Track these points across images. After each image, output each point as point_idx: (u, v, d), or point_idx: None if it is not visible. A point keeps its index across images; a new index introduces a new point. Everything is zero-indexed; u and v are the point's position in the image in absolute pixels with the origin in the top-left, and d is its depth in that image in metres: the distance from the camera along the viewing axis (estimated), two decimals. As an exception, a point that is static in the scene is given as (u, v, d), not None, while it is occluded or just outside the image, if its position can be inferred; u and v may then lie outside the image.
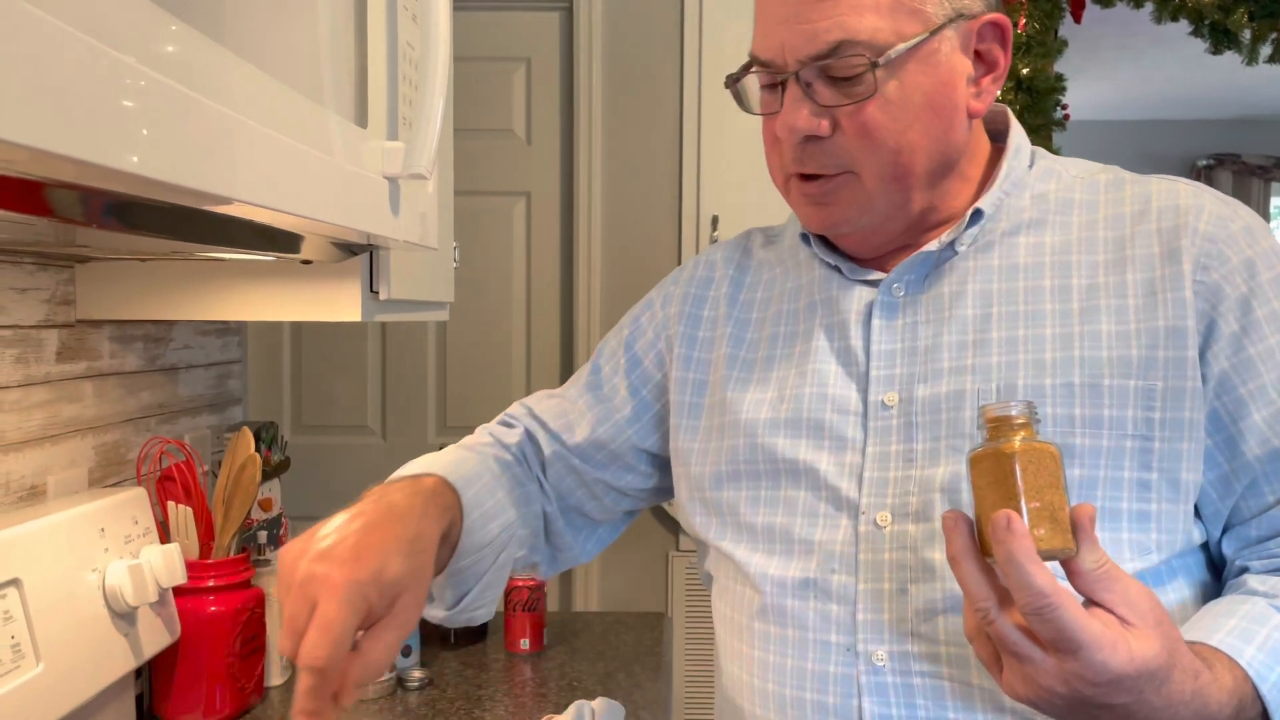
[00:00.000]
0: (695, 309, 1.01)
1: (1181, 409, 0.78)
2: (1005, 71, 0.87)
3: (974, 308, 0.84)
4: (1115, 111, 5.77)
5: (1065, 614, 0.62)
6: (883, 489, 0.83)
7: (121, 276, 1.24)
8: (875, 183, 0.83)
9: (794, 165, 0.85)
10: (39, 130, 0.44)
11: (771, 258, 1.00)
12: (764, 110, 0.87)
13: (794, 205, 0.90)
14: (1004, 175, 0.87)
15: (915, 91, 0.81)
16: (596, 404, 1.04)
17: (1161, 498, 0.78)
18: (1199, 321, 0.79)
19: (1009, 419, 0.68)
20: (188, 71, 0.57)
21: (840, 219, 0.86)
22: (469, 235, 2.45)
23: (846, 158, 0.83)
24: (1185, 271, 0.79)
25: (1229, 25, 2.35)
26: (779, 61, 0.83)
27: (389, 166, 0.93)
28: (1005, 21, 0.86)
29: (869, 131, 0.81)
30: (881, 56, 0.79)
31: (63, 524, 1.05)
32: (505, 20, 2.49)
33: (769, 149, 0.89)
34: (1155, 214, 0.83)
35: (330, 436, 2.52)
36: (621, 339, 1.06)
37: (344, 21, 0.86)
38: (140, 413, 1.39)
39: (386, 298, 1.22)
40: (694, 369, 0.98)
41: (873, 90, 0.80)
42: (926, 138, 0.82)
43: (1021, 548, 0.63)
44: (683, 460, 0.97)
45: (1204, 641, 0.71)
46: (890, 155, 0.82)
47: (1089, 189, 0.87)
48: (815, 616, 0.83)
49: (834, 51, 0.79)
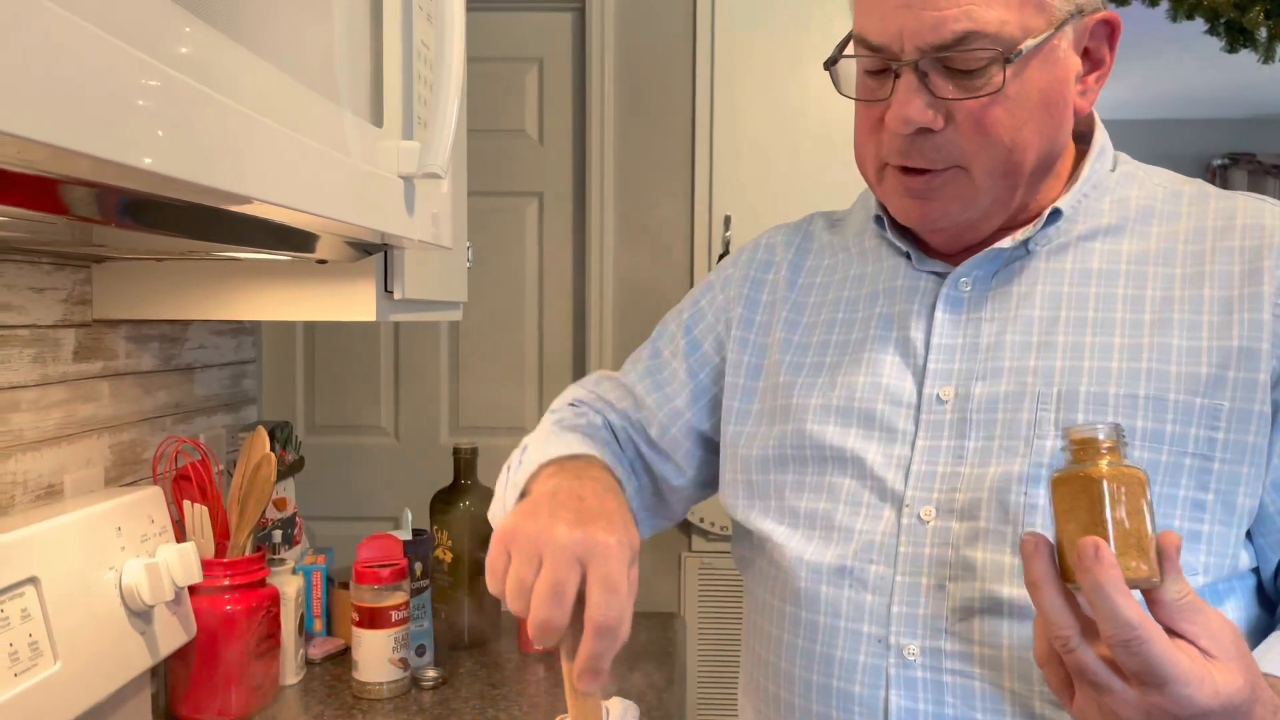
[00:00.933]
0: (754, 292, 1.00)
1: (1247, 432, 0.76)
2: (1109, 70, 0.85)
3: (1041, 309, 0.83)
4: (1130, 110, 5.74)
5: (1154, 648, 0.60)
6: (929, 483, 0.82)
7: (138, 276, 1.24)
8: (984, 179, 0.81)
9: (898, 157, 0.82)
10: (58, 127, 0.44)
11: (836, 242, 0.99)
12: (865, 96, 0.84)
13: (887, 196, 0.86)
14: (1085, 177, 0.86)
15: (1033, 89, 0.79)
16: (655, 389, 1.03)
17: (1215, 519, 0.76)
18: (1276, 345, 0.77)
19: (1095, 441, 0.66)
20: (204, 70, 0.57)
21: (941, 214, 0.83)
22: (482, 235, 2.45)
23: (957, 153, 0.80)
24: (1265, 294, 0.78)
25: (1245, 23, 2.33)
26: (894, 47, 0.79)
27: (404, 166, 0.93)
28: (1117, 19, 0.84)
29: (986, 127, 0.79)
30: (1011, 51, 0.76)
31: (79, 523, 1.06)
32: (518, 21, 2.50)
33: (864, 136, 0.85)
34: (1239, 231, 0.81)
35: (343, 436, 2.53)
36: (681, 322, 1.05)
37: (360, 21, 0.86)
38: (156, 412, 1.39)
39: (401, 297, 1.23)
40: (750, 352, 0.97)
41: (1000, 86, 0.77)
42: (1039, 136, 0.80)
43: (1110, 578, 0.61)
44: (731, 442, 0.96)
45: (1273, 673, 0.70)
46: (1004, 152, 0.80)
47: (1172, 199, 0.85)
48: (848, 605, 0.83)
49: (960, 42, 0.76)
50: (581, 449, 0.91)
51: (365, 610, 1.37)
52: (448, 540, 1.56)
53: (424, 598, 1.50)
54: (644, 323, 2.48)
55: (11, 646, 0.93)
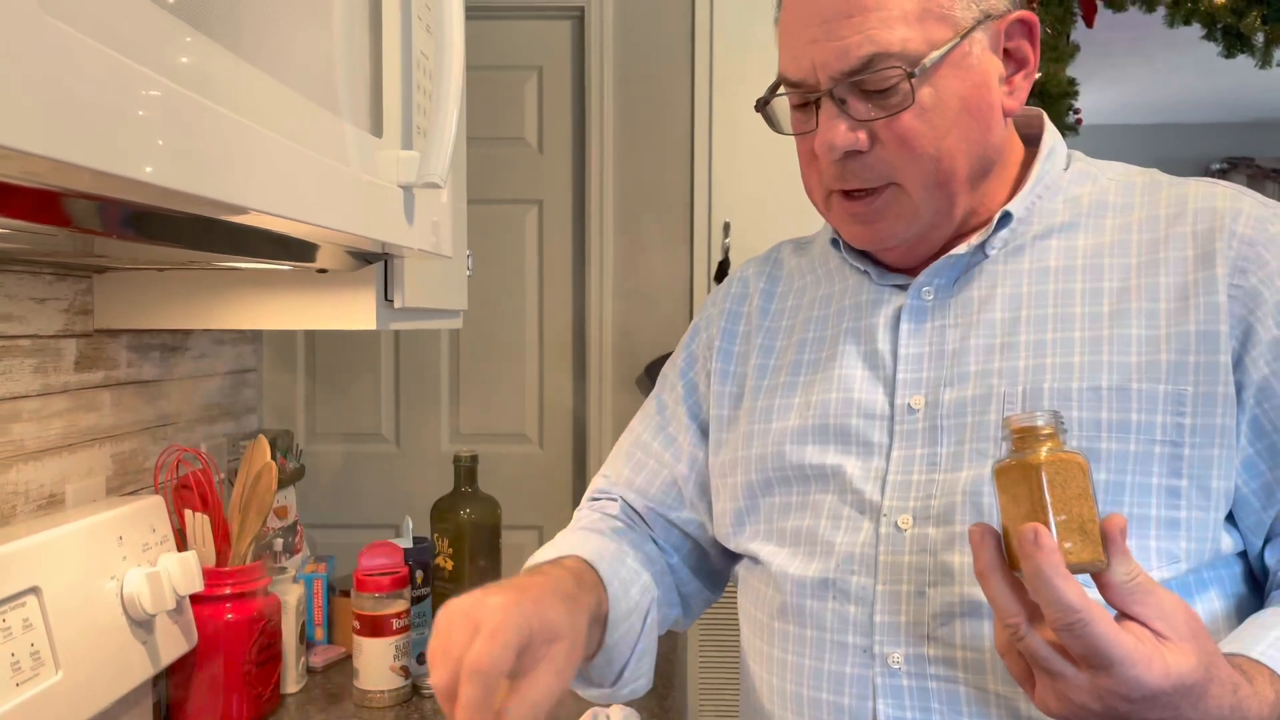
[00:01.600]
0: (730, 324, 1.02)
1: (1213, 415, 0.77)
2: (1035, 67, 0.86)
3: (1003, 311, 0.83)
4: (1128, 115, 5.75)
5: (1097, 629, 0.61)
6: (905, 492, 0.82)
7: (139, 286, 1.25)
8: (919, 192, 0.82)
9: (835, 182, 0.84)
10: (60, 141, 0.44)
11: (803, 264, 1.01)
12: (797, 130, 0.87)
13: (836, 223, 0.89)
14: (1036, 178, 0.87)
15: (951, 97, 0.80)
16: (669, 445, 1.04)
17: (1191, 505, 0.77)
18: (1234, 326, 0.77)
19: (1035, 429, 0.67)
20: (204, 81, 0.58)
21: (888, 233, 0.85)
22: (482, 243, 2.45)
23: (887, 169, 0.82)
24: (1219, 275, 0.78)
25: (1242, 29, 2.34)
26: (811, 80, 0.82)
27: (404, 175, 0.94)
28: (1032, 18, 0.85)
29: (908, 141, 0.80)
30: (916, 66, 0.78)
31: (81, 532, 1.06)
32: (517, 29, 2.50)
33: (805, 168, 0.88)
34: (1191, 216, 0.82)
35: (344, 444, 2.53)
36: (676, 368, 1.07)
37: (359, 31, 0.87)
38: (157, 421, 1.40)
39: (401, 306, 1.23)
40: (729, 382, 0.99)
41: (909, 101, 0.79)
42: (966, 141, 0.82)
43: (1050, 562, 0.62)
44: (719, 473, 0.97)
45: (1244, 654, 0.70)
46: (931, 163, 0.81)
47: (1124, 191, 0.86)
48: (833, 617, 0.83)
49: (867, 66, 0.79)
50: (566, 551, 0.90)
51: (366, 618, 1.37)
52: (448, 548, 1.57)
53: (425, 605, 1.50)
54: (644, 328, 2.49)
55: (13, 656, 0.93)
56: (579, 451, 2.54)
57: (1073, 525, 0.65)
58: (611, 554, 0.91)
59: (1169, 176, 0.87)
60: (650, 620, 0.92)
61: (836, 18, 0.79)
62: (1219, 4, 2.30)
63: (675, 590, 1.04)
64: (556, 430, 2.55)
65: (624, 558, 0.93)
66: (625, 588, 0.88)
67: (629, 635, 0.88)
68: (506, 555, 1.66)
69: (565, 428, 2.54)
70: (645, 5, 2.46)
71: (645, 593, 0.92)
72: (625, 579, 0.89)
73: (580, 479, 2.53)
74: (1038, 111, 0.93)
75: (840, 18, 0.79)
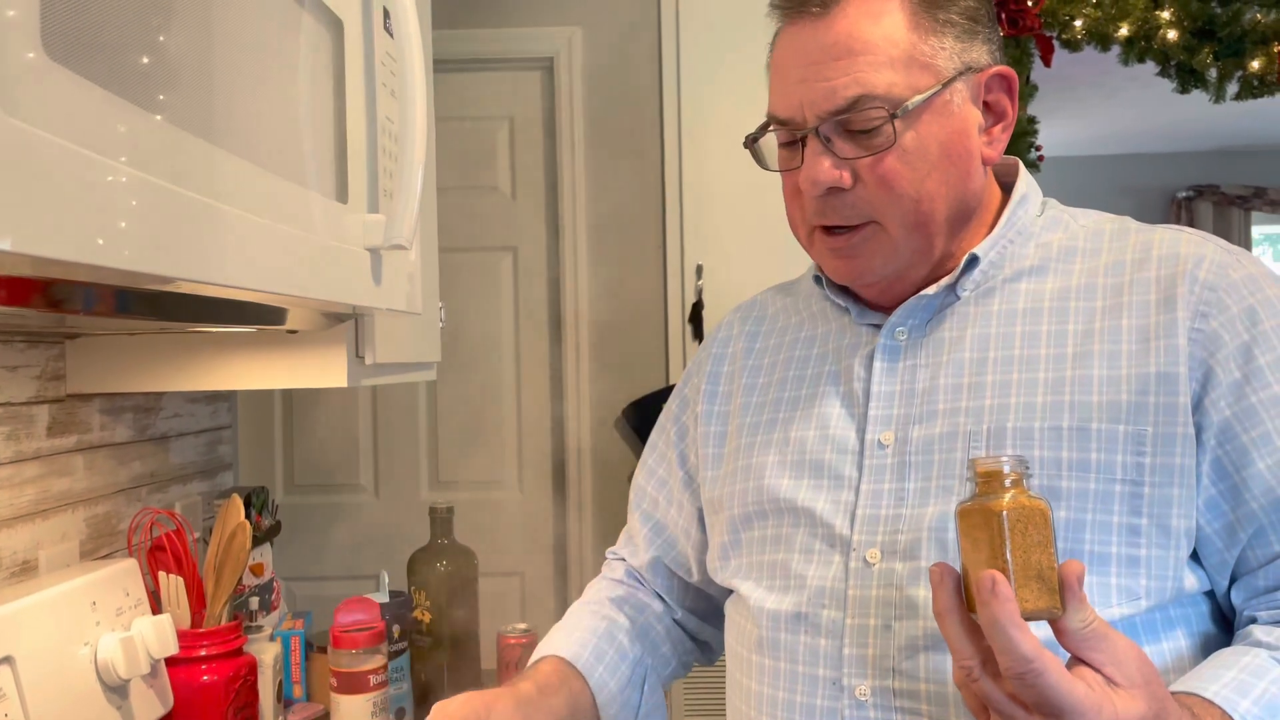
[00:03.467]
0: (715, 367, 1.05)
1: (1173, 455, 0.78)
2: (1014, 120, 0.90)
3: (971, 351, 0.86)
4: (1094, 147, 5.85)
5: (1048, 679, 0.62)
6: (874, 526, 0.84)
7: (111, 350, 1.25)
8: (899, 231, 0.85)
9: (817, 218, 0.87)
10: (32, 238, 0.46)
11: (788, 305, 1.04)
12: (784, 167, 0.90)
13: (818, 258, 0.92)
14: (1006, 222, 0.90)
15: (931, 141, 0.84)
16: (661, 489, 1.09)
17: (1151, 543, 0.78)
18: (1194, 369, 0.79)
19: (999, 473, 0.67)
20: (169, 165, 0.59)
21: (866, 269, 0.88)
22: (457, 290, 2.47)
23: (868, 208, 0.85)
24: (1180, 319, 0.80)
25: (1194, 65, 2.39)
26: (798, 118, 0.85)
27: (370, 238, 0.95)
28: (1011, 74, 0.89)
29: (889, 182, 0.84)
30: (899, 109, 0.82)
31: (54, 599, 1.06)
32: (488, 80, 2.54)
33: (790, 203, 0.91)
34: (1155, 262, 0.84)
35: (324, 495, 2.53)
36: (670, 415, 1.11)
37: (323, 100, 0.89)
38: (131, 483, 1.40)
39: (373, 362, 1.24)
40: (714, 422, 1.02)
41: (891, 141, 0.83)
42: (945, 185, 0.85)
43: (1005, 612, 0.63)
44: (711, 509, 1.00)
45: (1198, 694, 0.71)
46: (911, 204, 0.84)
47: (1094, 238, 0.89)
48: (805, 650, 0.85)
49: (852, 106, 0.82)
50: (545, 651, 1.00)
51: (343, 675, 1.37)
52: (426, 600, 1.57)
53: (403, 660, 1.50)
54: (619, 371, 2.50)
55: (-15, 728, 0.93)
56: (559, 496, 2.54)
57: (1030, 573, 0.65)
58: (598, 638, 1.00)
59: (1138, 224, 0.90)
60: (649, 686, 1.01)
61: (826, 60, 0.83)
62: (1171, 41, 2.36)
63: (689, 639, 1.09)
64: (536, 475, 2.55)
65: (614, 635, 1.01)
66: (612, 669, 0.99)
67: (627, 708, 0.99)
68: (485, 604, 1.66)
69: (544, 472, 2.55)
70: (613, 54, 2.50)
71: (637, 666, 1.01)
72: (612, 661, 0.99)
73: (561, 523, 2.53)
74: (1015, 160, 0.96)
75: (829, 60, 0.83)
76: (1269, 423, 0.78)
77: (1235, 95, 2.53)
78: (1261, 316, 0.80)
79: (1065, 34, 2.52)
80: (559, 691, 0.93)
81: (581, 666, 0.97)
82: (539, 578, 2.52)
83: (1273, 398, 0.78)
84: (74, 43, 0.51)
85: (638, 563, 1.10)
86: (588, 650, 0.99)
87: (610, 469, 2.50)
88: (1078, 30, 2.48)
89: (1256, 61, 2.40)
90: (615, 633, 1.02)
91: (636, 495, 1.13)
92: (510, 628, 1.54)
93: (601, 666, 0.98)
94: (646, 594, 1.09)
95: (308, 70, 0.84)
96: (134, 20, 0.57)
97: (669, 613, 1.09)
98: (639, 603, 1.07)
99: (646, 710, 1.00)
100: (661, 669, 1.06)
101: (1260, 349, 0.79)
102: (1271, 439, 0.78)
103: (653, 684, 1.03)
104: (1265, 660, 0.74)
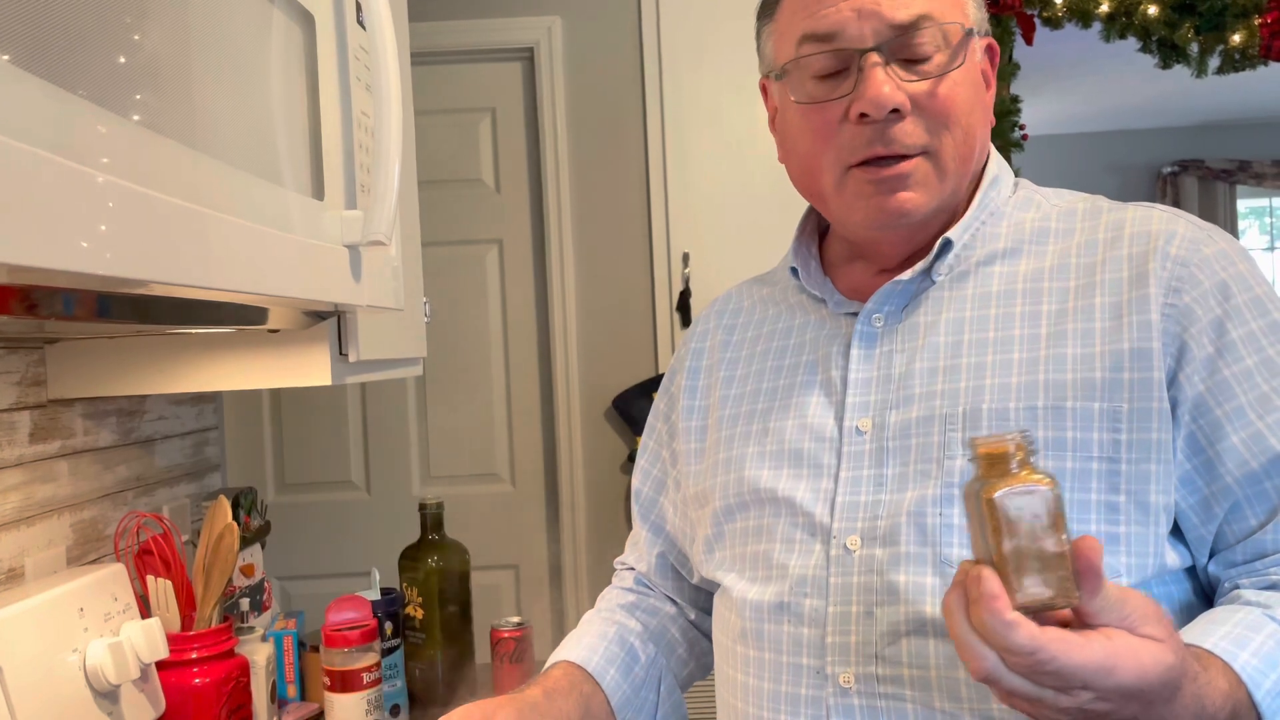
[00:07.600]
0: (695, 361, 1.05)
1: (1149, 430, 0.78)
2: (994, 91, 0.92)
3: (946, 335, 0.86)
4: (1079, 124, 5.85)
5: (1060, 661, 0.61)
6: (854, 513, 0.84)
7: (91, 354, 1.24)
8: (950, 163, 0.85)
9: (867, 148, 0.83)
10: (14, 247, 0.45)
11: (765, 296, 1.03)
12: (824, 96, 0.85)
13: (850, 202, 0.87)
14: (979, 205, 0.89)
15: (976, 75, 0.86)
16: (658, 491, 1.09)
17: (1130, 520, 0.78)
18: (1168, 344, 0.79)
19: (997, 454, 0.63)
20: (144, 167, 0.58)
21: (912, 204, 0.84)
22: (443, 285, 2.46)
23: (924, 136, 0.83)
24: (1152, 295, 0.80)
25: (1176, 40, 2.39)
26: (853, 33, 0.82)
27: (348, 235, 0.94)
28: (996, 46, 0.91)
29: (949, 105, 0.83)
30: (957, 37, 0.83)
31: (41, 606, 1.05)
32: (469, 72, 2.52)
33: (820, 144, 0.86)
34: (1128, 240, 0.84)
35: (315, 494, 2.52)
36: (659, 415, 1.11)
37: (297, 97, 0.88)
38: (117, 487, 1.39)
39: (356, 359, 1.23)
40: (695, 416, 1.02)
41: (960, 62, 0.83)
42: (983, 123, 0.87)
43: (992, 609, 0.61)
44: (696, 503, 1.00)
45: (1198, 645, 0.71)
46: (962, 134, 0.84)
47: (1066, 218, 0.89)
48: (788, 640, 0.85)
49: (915, 24, 0.82)
50: (557, 657, 1.00)
51: (336, 674, 1.36)
52: (417, 597, 1.56)
53: (396, 656, 1.49)
54: (609, 361, 2.50)
55: (-26, 739, 0.92)
56: (551, 487, 2.54)
57: (1029, 562, 0.61)
58: (608, 642, 1.01)
59: (1110, 202, 0.89)
60: (665, 687, 1.02)
61: None
62: (1153, 16, 2.35)
63: (705, 640, 1.09)
64: (527, 467, 2.55)
65: (625, 638, 1.02)
66: (625, 671, 0.99)
67: (644, 709, 1.00)
68: (478, 598, 1.65)
69: (536, 464, 2.55)
70: (593, 42, 2.49)
71: (651, 666, 1.02)
72: (624, 663, 1.00)
73: (553, 514, 2.53)
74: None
75: None
76: (1242, 396, 0.78)
77: (1217, 69, 2.53)
78: (1234, 291, 0.80)
79: (1046, 12, 2.51)
80: (569, 695, 0.93)
81: (593, 669, 0.97)
82: (533, 570, 2.52)
83: (1245, 371, 0.78)
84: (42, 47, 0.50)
85: (644, 567, 1.10)
86: (598, 654, 0.99)
87: (601, 458, 2.50)
88: (1058, 8, 2.48)
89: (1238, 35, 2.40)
90: (626, 636, 1.02)
91: (635, 500, 1.12)
92: (503, 621, 1.54)
93: (614, 669, 0.98)
94: (658, 598, 1.09)
95: (280, 67, 0.83)
96: (103, 22, 0.56)
97: (682, 614, 1.09)
98: (651, 607, 1.08)
99: (665, 711, 1.00)
100: (679, 670, 1.06)
101: (1233, 323, 0.79)
102: (1245, 413, 0.78)
103: (669, 685, 1.03)
104: (1259, 616, 0.74)
